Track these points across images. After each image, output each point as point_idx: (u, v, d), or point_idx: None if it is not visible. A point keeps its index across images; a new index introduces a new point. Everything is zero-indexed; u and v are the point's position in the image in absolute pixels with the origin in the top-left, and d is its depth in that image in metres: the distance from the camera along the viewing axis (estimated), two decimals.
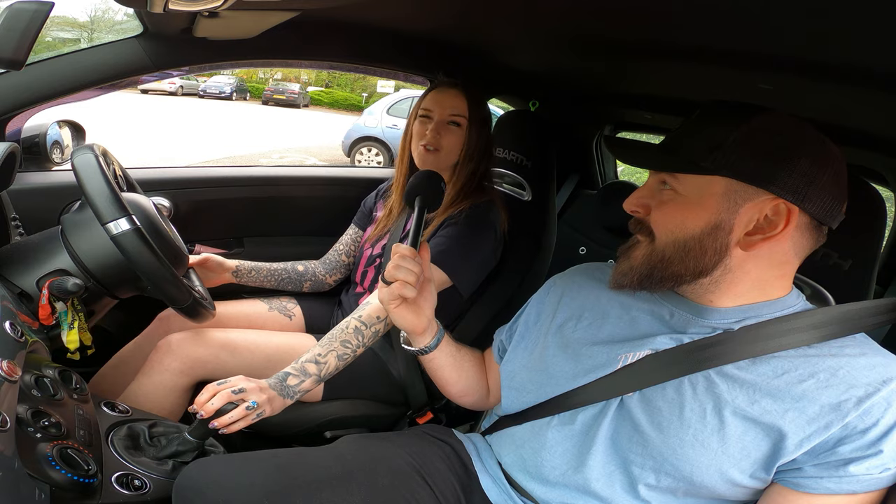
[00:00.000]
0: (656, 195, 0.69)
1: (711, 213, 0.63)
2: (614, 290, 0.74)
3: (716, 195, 0.63)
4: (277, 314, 1.33)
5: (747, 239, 0.63)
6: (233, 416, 0.83)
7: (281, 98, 20.11)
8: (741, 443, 0.61)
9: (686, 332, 0.68)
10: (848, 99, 0.90)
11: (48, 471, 0.62)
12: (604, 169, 1.93)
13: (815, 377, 0.60)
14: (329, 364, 0.97)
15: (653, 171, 0.70)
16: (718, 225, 0.63)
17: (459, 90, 1.23)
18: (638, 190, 0.71)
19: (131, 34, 1.16)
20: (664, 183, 0.68)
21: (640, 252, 0.70)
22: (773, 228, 0.62)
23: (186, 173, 1.57)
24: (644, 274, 0.68)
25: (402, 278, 0.77)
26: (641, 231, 0.70)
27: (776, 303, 0.66)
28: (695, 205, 0.64)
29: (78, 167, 0.88)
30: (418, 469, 0.80)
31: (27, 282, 0.88)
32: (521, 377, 0.80)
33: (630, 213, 0.72)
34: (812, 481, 0.59)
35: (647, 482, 0.66)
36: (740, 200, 0.62)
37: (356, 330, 1.00)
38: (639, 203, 0.70)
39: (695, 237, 0.64)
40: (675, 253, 0.66)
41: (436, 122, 1.22)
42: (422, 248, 0.81)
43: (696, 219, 0.64)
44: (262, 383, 0.89)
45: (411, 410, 1.24)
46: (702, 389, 0.64)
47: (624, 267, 0.71)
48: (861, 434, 0.57)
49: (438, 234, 1.17)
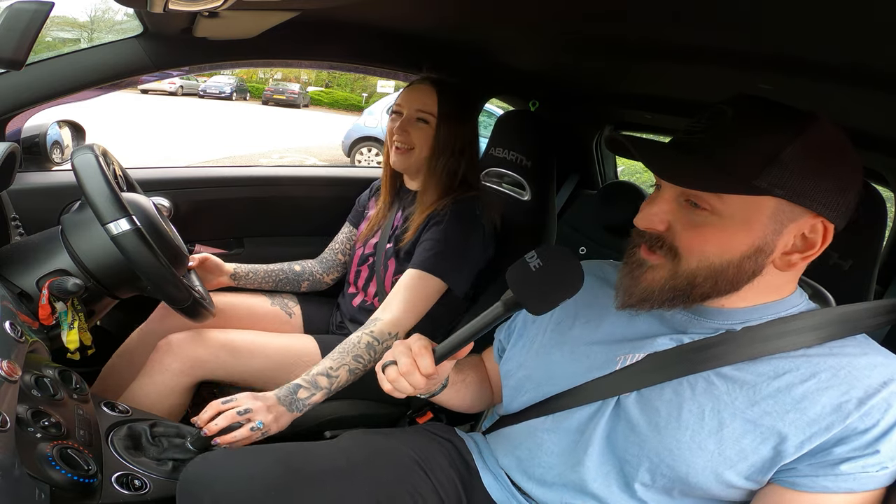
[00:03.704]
0: (684, 213, 0.61)
1: (756, 235, 0.58)
2: (622, 310, 0.68)
3: (764, 216, 0.58)
4: (279, 310, 1.34)
5: (784, 258, 0.60)
6: (235, 437, 0.84)
7: (281, 98, 20.11)
8: (738, 445, 0.60)
9: (686, 333, 0.67)
10: (848, 99, 0.89)
11: (48, 471, 0.62)
12: (604, 169, 1.93)
13: (817, 377, 0.59)
14: (341, 378, 0.97)
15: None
16: (761, 248, 0.59)
17: (430, 86, 1.20)
18: (656, 203, 0.62)
19: (131, 34, 1.16)
20: (692, 202, 0.60)
21: (660, 275, 0.62)
22: (810, 247, 0.59)
23: (186, 173, 1.57)
24: (666, 299, 0.63)
25: (402, 390, 0.69)
26: (660, 249, 0.62)
27: (780, 303, 0.65)
28: (740, 228, 0.58)
29: (78, 167, 0.88)
30: (420, 463, 0.80)
31: (27, 282, 0.88)
32: (518, 376, 0.80)
33: (645, 229, 0.63)
34: (808, 480, 0.58)
35: (643, 481, 0.65)
36: (786, 221, 0.58)
37: (368, 345, 1.01)
38: (660, 220, 0.62)
39: (733, 262, 0.59)
40: (707, 277, 0.61)
41: (403, 120, 1.20)
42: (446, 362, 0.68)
43: (739, 242, 0.58)
44: (269, 400, 0.89)
45: (411, 410, 1.24)
46: (701, 390, 0.63)
47: (641, 293, 0.64)
48: (860, 435, 0.56)
49: (425, 238, 1.15)
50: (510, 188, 1.41)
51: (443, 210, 1.16)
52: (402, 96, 1.23)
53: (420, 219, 1.18)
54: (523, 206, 1.36)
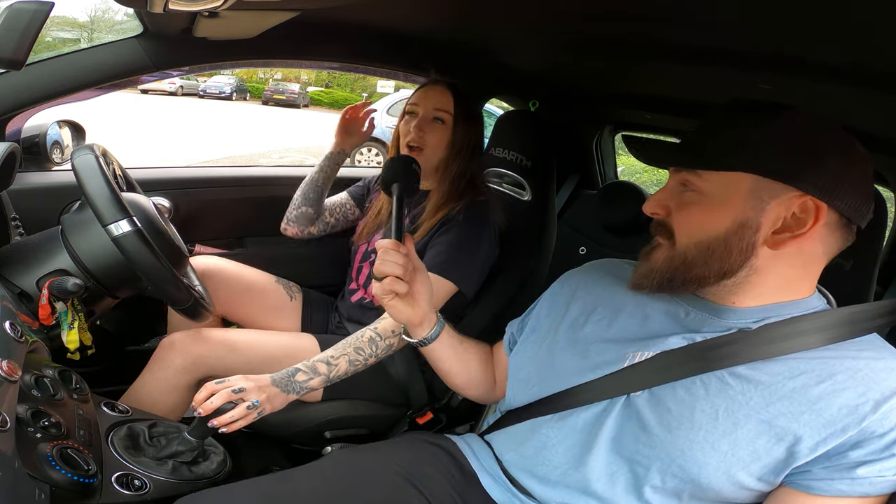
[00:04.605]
0: (677, 196, 0.67)
1: (737, 211, 0.62)
2: (632, 290, 0.72)
3: (741, 193, 0.62)
4: (281, 290, 1.35)
5: (775, 237, 0.61)
6: (233, 416, 0.83)
7: (281, 98, 20.09)
8: (752, 446, 0.60)
9: (700, 332, 0.66)
10: (848, 99, 0.90)
11: (48, 471, 0.62)
12: (604, 169, 1.93)
13: (833, 378, 0.59)
14: (340, 367, 0.97)
15: (674, 171, 0.69)
16: (745, 223, 0.62)
17: (445, 87, 1.23)
18: (658, 191, 0.70)
19: (131, 34, 1.16)
20: (684, 185, 0.66)
21: (661, 255, 0.68)
22: (801, 226, 0.60)
23: (186, 173, 1.58)
24: (665, 277, 0.67)
25: (390, 272, 0.77)
26: (662, 233, 0.68)
27: (797, 303, 0.64)
28: (719, 204, 0.63)
29: (78, 168, 0.88)
30: (409, 478, 0.78)
31: (27, 282, 0.88)
32: (527, 369, 0.80)
33: (650, 214, 0.70)
34: (823, 483, 0.58)
35: (653, 483, 0.65)
36: (767, 198, 0.61)
37: (371, 340, 1.01)
38: (659, 204, 0.68)
39: (719, 237, 0.63)
40: (697, 255, 0.64)
41: (419, 119, 1.21)
42: (406, 238, 0.80)
43: (721, 218, 0.63)
44: (261, 382, 0.89)
45: (411, 411, 1.24)
46: (715, 390, 0.63)
47: (644, 269, 0.70)
48: (878, 438, 0.56)
49: (438, 240, 1.16)
50: (510, 188, 1.41)
51: (457, 213, 1.17)
52: (416, 96, 1.24)
53: (433, 221, 1.19)
54: (523, 206, 1.36)
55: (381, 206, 1.32)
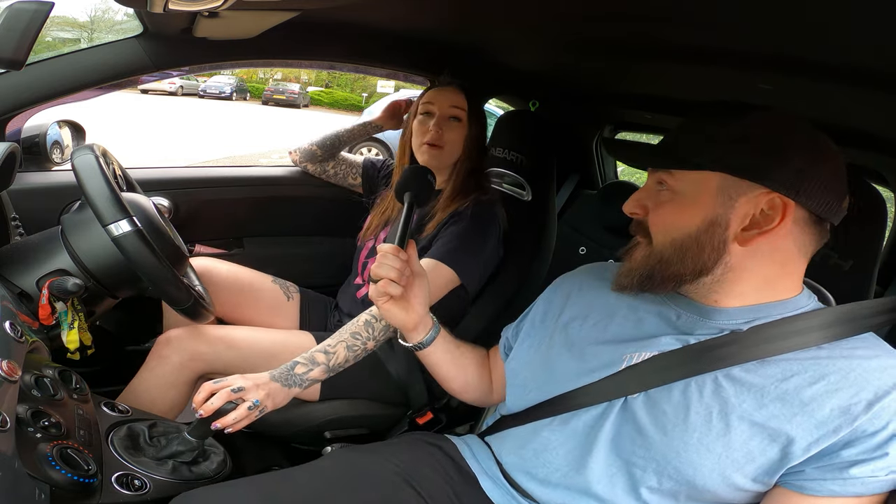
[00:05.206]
0: (654, 196, 0.69)
1: (707, 209, 0.63)
2: (616, 291, 0.74)
3: (711, 191, 0.63)
4: (279, 290, 1.35)
5: (744, 234, 0.63)
6: (236, 417, 0.82)
7: (281, 98, 20.11)
8: (746, 448, 0.60)
9: (693, 334, 0.67)
10: (848, 99, 0.90)
11: (48, 471, 0.62)
12: (604, 169, 1.93)
13: (826, 379, 0.59)
14: (338, 355, 0.95)
15: (651, 171, 0.71)
16: (714, 221, 0.63)
17: (457, 87, 1.25)
18: (637, 192, 0.72)
19: (131, 34, 1.16)
20: (661, 184, 0.68)
21: (640, 253, 0.70)
22: (769, 222, 0.62)
23: (186, 173, 1.57)
24: (644, 275, 0.68)
25: (385, 275, 0.78)
26: (640, 232, 0.70)
27: (787, 303, 0.65)
28: (691, 203, 0.65)
29: (78, 168, 0.88)
30: (407, 479, 0.78)
31: (27, 282, 0.88)
32: (524, 374, 0.80)
33: (629, 214, 0.72)
34: (816, 483, 0.58)
35: (650, 485, 0.65)
36: (735, 195, 0.62)
37: (366, 323, 1.00)
38: (637, 205, 0.70)
39: (691, 235, 0.64)
40: (673, 253, 0.66)
41: (437, 118, 1.23)
42: (409, 245, 0.81)
43: (692, 216, 0.64)
44: (260, 380, 0.87)
45: (411, 410, 1.24)
46: (708, 393, 0.63)
47: (624, 268, 0.72)
48: (869, 437, 0.56)
49: (445, 232, 1.17)
50: (510, 188, 1.41)
51: (465, 209, 1.18)
52: (431, 96, 1.26)
53: (442, 215, 1.20)
54: (523, 207, 1.36)
55: (388, 204, 1.33)
